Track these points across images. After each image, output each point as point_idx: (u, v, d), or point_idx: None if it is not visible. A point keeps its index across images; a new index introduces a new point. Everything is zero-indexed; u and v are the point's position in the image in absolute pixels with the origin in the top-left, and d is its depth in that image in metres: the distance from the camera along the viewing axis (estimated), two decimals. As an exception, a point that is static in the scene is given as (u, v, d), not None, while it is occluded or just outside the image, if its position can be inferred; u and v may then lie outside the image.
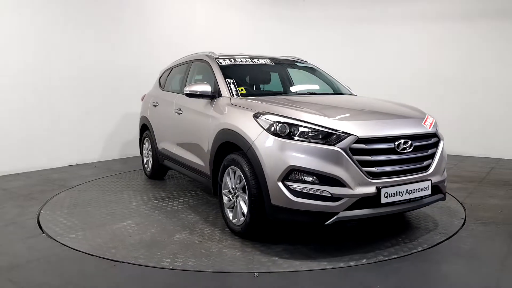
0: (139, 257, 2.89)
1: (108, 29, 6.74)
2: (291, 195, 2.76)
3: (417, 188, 2.94)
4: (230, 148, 3.37)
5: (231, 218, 3.32)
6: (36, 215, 3.85)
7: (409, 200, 2.92)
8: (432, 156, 3.16)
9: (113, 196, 4.56)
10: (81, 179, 5.36)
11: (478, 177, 5.66)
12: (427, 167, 3.10)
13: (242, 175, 3.11)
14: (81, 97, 6.45)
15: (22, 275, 2.65)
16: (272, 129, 2.91)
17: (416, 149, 3.03)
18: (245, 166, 3.05)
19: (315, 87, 4.57)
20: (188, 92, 3.75)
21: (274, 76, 4.66)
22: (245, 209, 3.12)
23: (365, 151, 2.82)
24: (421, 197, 3.00)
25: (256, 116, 3.08)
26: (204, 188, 4.94)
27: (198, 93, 3.72)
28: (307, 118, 2.91)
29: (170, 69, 5.33)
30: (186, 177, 5.13)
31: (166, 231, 3.43)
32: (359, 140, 2.79)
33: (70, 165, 6.36)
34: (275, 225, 3.32)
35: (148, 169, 5.46)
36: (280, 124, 2.89)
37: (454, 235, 3.34)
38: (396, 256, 2.90)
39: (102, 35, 6.67)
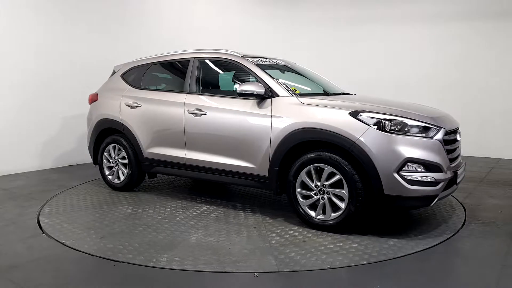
0: (279, 265, 2.75)
1: (109, 28, 6.74)
2: (406, 184, 3.09)
3: (462, 170, 3.62)
4: (303, 147, 3.49)
5: (313, 215, 3.44)
6: (36, 215, 3.85)
7: (461, 180, 3.55)
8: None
9: (127, 206, 4.39)
10: (81, 179, 5.36)
11: (478, 177, 5.66)
12: (459, 154, 3.72)
13: (335, 171, 3.29)
14: (82, 97, 6.42)
15: (22, 275, 2.65)
16: (380, 125, 3.17)
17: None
18: (343, 161, 3.25)
19: (343, 88, 4.64)
20: (240, 92, 3.69)
21: (292, 77, 4.68)
22: (340, 203, 3.30)
23: (447, 141, 3.34)
24: (463, 177, 3.63)
25: (354, 114, 3.26)
26: (210, 191, 4.92)
27: (254, 93, 3.66)
28: (406, 114, 3.25)
29: (147, 66, 4.80)
30: (176, 184, 5.14)
31: (253, 238, 3.28)
32: (446, 132, 3.32)
33: (70, 165, 6.36)
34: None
35: (118, 180, 4.75)
36: (387, 121, 3.18)
37: (454, 235, 3.35)
38: (396, 256, 2.91)
39: (103, 35, 6.66)
